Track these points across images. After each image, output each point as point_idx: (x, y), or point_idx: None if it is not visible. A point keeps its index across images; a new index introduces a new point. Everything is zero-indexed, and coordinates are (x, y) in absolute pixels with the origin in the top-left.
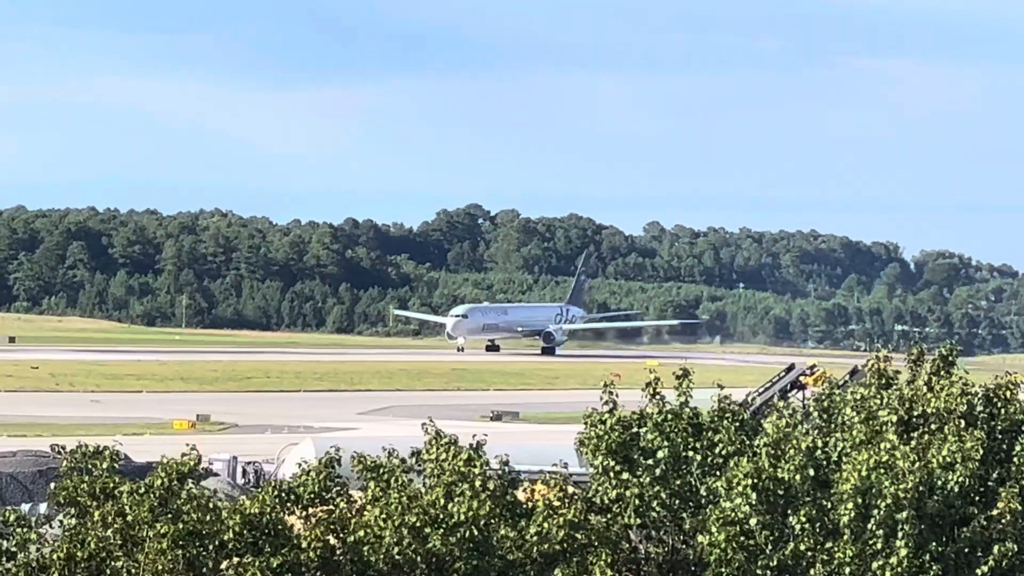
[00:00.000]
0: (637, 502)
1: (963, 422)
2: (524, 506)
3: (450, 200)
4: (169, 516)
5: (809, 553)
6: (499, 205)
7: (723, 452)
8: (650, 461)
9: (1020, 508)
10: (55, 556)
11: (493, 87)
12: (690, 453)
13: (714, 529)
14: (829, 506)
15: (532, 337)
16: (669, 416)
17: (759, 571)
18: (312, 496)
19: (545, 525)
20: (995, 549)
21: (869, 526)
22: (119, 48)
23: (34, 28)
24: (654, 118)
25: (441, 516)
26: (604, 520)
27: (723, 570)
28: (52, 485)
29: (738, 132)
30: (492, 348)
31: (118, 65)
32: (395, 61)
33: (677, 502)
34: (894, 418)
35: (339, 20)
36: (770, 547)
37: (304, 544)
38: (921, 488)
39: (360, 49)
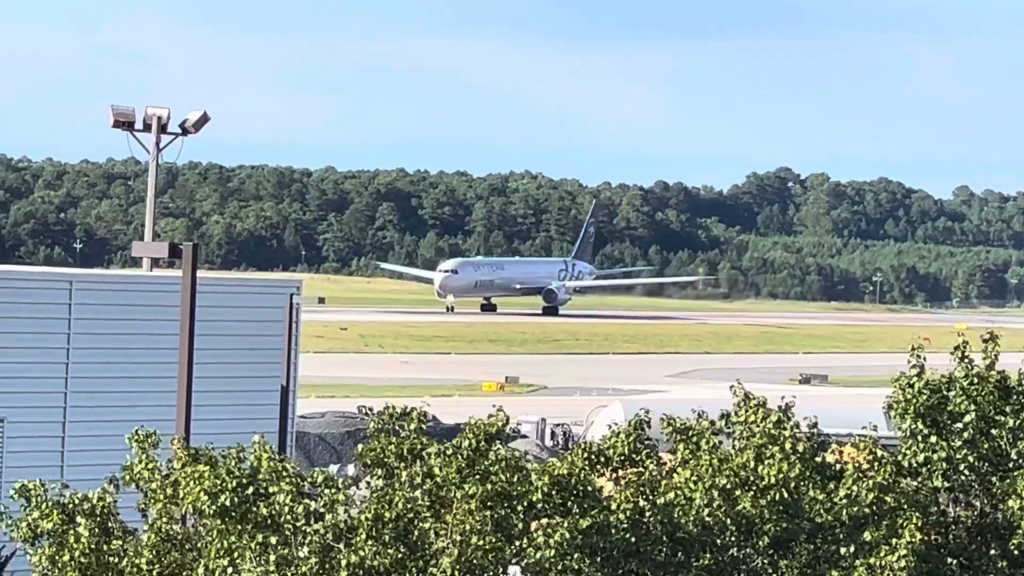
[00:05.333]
0: (945, 465)
1: None
2: (833, 469)
3: (760, 163)
4: (477, 477)
5: None
6: (809, 169)
7: None
8: (958, 425)
9: None
10: (363, 517)
11: (805, 50)
12: (1000, 417)
13: None
14: None
15: (533, 295)
16: (975, 379)
17: None
18: (622, 458)
19: (855, 488)
20: None
21: None
22: (431, 9)
23: None
24: (965, 81)
25: (751, 478)
26: (914, 483)
27: None
28: (359, 446)
29: None
30: (488, 308)
31: (430, 26)
32: (706, 24)
33: (986, 466)
34: None
35: None
36: None
37: (613, 506)
38: None
39: (672, 11)
